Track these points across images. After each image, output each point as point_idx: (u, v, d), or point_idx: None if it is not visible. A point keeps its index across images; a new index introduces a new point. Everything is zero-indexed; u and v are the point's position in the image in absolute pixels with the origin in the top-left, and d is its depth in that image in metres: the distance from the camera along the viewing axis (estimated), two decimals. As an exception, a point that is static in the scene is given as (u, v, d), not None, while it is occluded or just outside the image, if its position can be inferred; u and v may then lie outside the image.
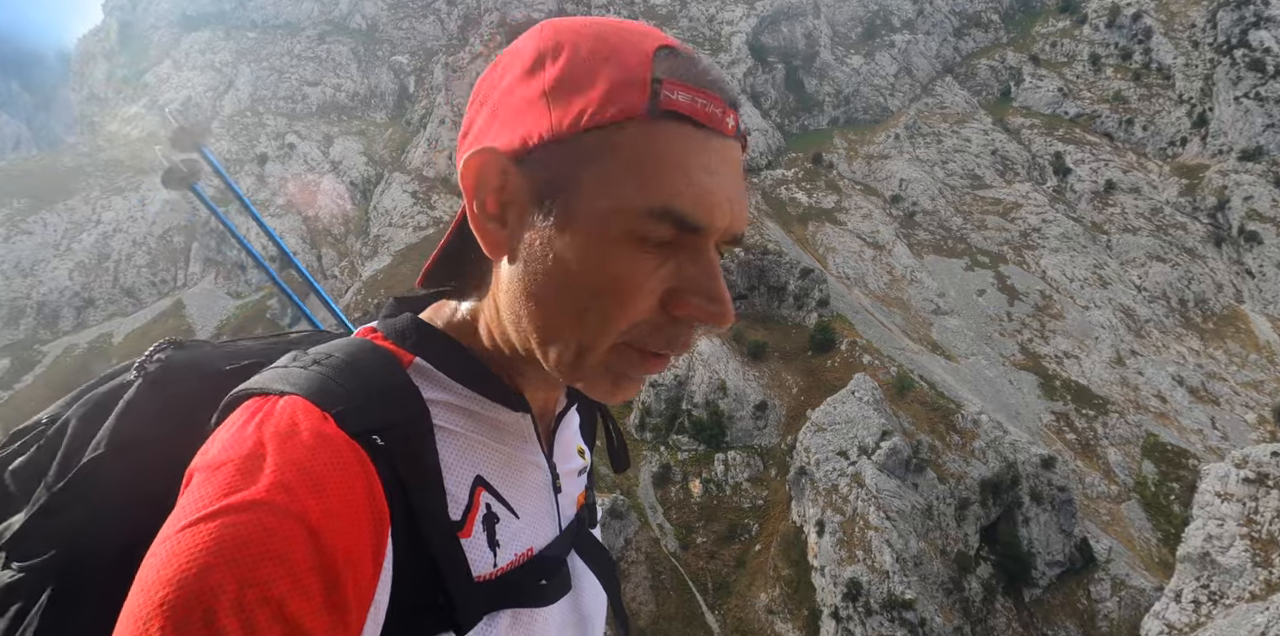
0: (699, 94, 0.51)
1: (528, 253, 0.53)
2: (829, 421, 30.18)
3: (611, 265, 0.50)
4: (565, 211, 0.51)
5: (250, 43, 68.96)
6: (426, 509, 0.50)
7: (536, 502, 0.63)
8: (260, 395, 0.50)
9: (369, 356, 0.55)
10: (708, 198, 0.51)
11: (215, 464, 0.45)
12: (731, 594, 29.30)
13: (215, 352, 0.63)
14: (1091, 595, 29.21)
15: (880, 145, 54.48)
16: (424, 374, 0.57)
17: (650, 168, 0.50)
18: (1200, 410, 38.52)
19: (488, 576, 0.55)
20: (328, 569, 0.42)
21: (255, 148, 58.12)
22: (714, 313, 0.53)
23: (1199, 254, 46.82)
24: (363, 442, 0.48)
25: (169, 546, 0.40)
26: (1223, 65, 50.67)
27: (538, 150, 0.51)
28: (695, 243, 0.52)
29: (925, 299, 43.12)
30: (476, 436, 0.58)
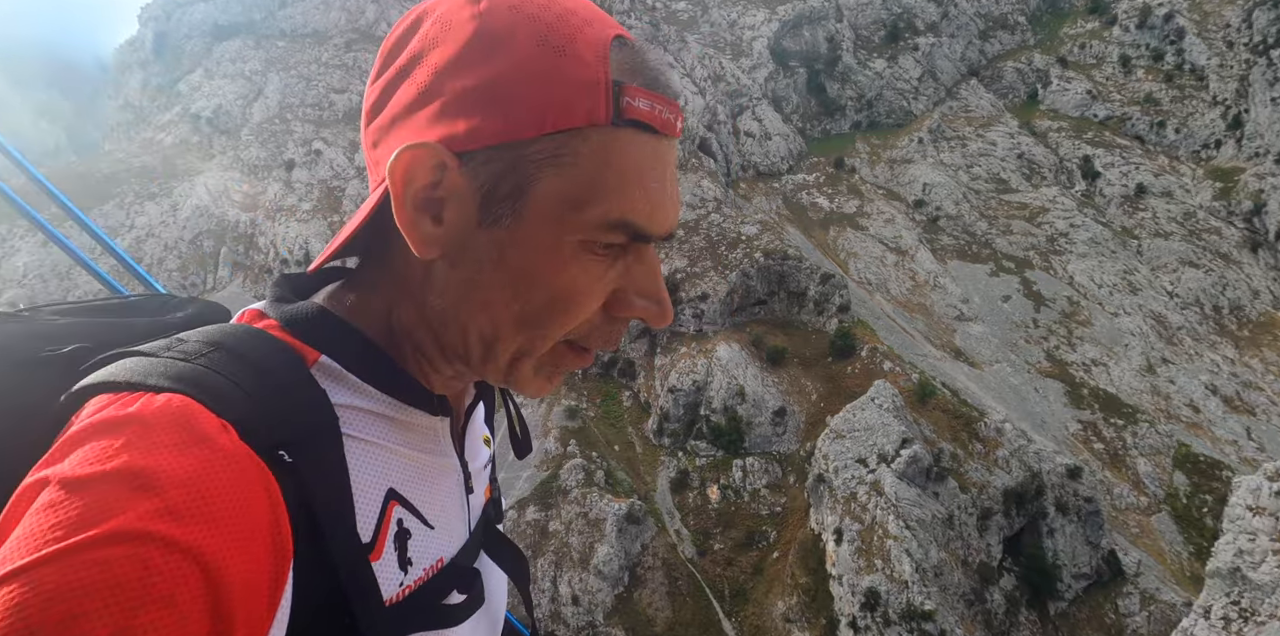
0: (657, 100, 0.50)
1: (471, 255, 0.50)
2: (848, 428, 29.86)
3: (566, 272, 0.49)
4: (516, 216, 0.48)
5: (279, 51, 70.45)
6: (335, 534, 0.44)
7: (449, 508, 0.59)
8: (125, 390, 0.41)
9: (267, 351, 0.48)
10: (660, 207, 0.50)
11: (75, 479, 0.35)
12: (748, 601, 29.06)
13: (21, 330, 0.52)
14: (1120, 609, 28.48)
15: (903, 149, 53.93)
16: (331, 374, 0.51)
17: (610, 180, 0.48)
18: (1235, 420, 37.43)
19: (396, 597, 0.50)
20: (221, 612, 0.35)
21: (283, 154, 59.29)
22: (656, 313, 0.52)
23: (1234, 259, 45.58)
24: (267, 458, 0.41)
25: (18, 587, 0.31)
26: (1259, 66, 49.38)
27: (486, 150, 0.48)
28: (639, 246, 0.52)
29: (949, 305, 42.52)
30: (389, 444, 0.52)
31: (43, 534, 0.33)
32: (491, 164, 0.48)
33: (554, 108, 0.47)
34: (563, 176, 0.48)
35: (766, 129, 53.66)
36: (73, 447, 0.37)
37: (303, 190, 56.04)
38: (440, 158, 0.48)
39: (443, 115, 0.48)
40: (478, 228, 0.49)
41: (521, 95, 0.47)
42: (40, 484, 0.36)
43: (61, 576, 0.31)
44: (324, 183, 56.54)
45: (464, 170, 0.48)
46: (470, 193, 0.49)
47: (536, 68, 0.47)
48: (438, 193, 0.49)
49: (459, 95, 0.48)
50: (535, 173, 0.48)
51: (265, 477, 0.40)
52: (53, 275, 51.98)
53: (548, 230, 0.48)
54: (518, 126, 0.47)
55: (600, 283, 0.51)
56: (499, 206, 0.48)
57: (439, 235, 0.49)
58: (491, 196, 0.48)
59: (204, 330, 0.49)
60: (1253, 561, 18.92)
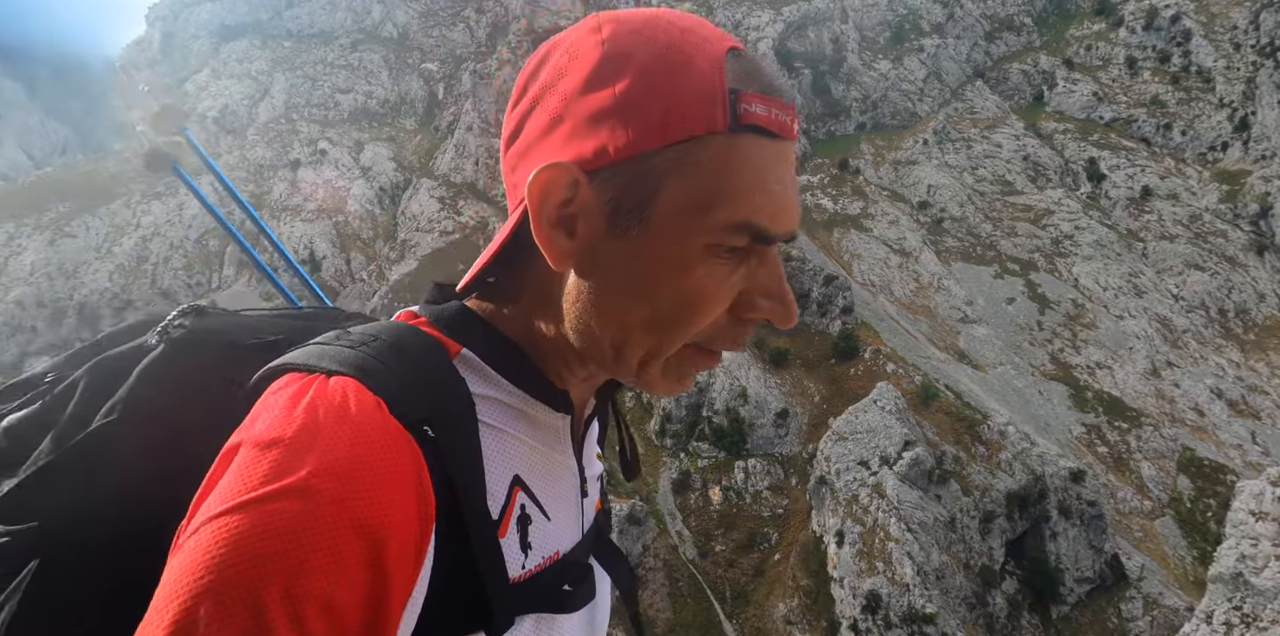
0: (773, 104, 0.51)
1: (601, 265, 0.53)
2: (850, 430, 29.82)
3: (693, 277, 0.51)
4: (644, 225, 0.51)
5: (285, 51, 70.69)
6: (471, 505, 0.49)
7: (566, 506, 0.62)
8: (304, 371, 0.49)
9: (417, 342, 0.53)
10: (782, 208, 0.52)
11: (263, 441, 0.43)
12: (749, 603, 29.04)
13: (239, 323, 0.61)
14: (1123, 613, 28.36)
15: (908, 151, 53.84)
16: (470, 366, 0.56)
17: (732, 183, 0.50)
18: (1240, 424, 37.26)
19: (518, 578, 0.54)
20: (376, 563, 0.40)
21: (289, 154, 59.48)
22: (782, 314, 0.54)
23: (1240, 262, 45.38)
24: (414, 432, 0.46)
25: (215, 529, 0.39)
26: (1266, 68, 49.18)
27: (614, 165, 0.51)
28: (762, 248, 0.53)
29: (953, 307, 42.43)
30: (517, 434, 0.57)
31: (238, 485, 0.40)
32: (618, 178, 0.51)
33: (674, 119, 0.49)
34: (686, 184, 0.50)
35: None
36: (264, 414, 0.45)
37: (308, 190, 56.23)
38: (573, 176, 0.51)
39: (573, 137, 0.51)
40: (607, 239, 0.52)
41: (643, 110, 0.50)
42: (235, 447, 0.44)
43: (252, 521, 0.38)
44: (329, 182, 56.72)
45: (594, 186, 0.51)
46: (600, 207, 0.51)
47: (657, 83, 0.50)
48: (570, 209, 0.52)
49: (587, 117, 0.51)
50: (660, 182, 0.50)
51: (412, 448, 0.45)
52: (59, 274, 52.26)
53: (673, 236, 0.51)
54: (641, 140, 0.50)
55: (726, 286, 0.52)
56: (626, 217, 0.51)
57: (572, 248, 0.53)
58: (619, 209, 0.51)
59: (367, 326, 0.55)
60: (1255, 566, 18.75)
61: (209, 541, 0.38)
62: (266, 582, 0.37)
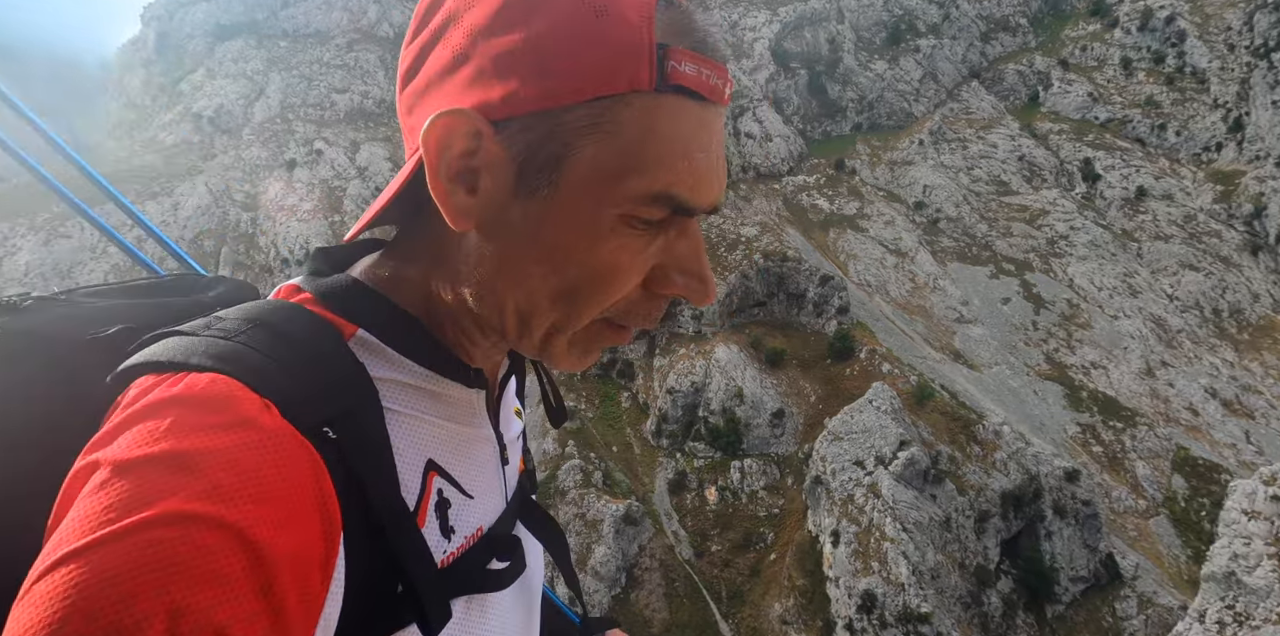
0: (704, 64, 0.46)
1: (506, 227, 0.48)
2: (846, 430, 29.86)
3: (605, 248, 0.47)
4: (553, 187, 0.46)
5: (281, 51, 70.57)
6: (384, 504, 0.44)
7: (486, 479, 0.58)
8: (169, 371, 0.41)
9: (306, 327, 0.47)
10: (705, 179, 0.48)
11: (125, 460, 0.35)
12: (745, 603, 29.07)
13: (67, 314, 0.52)
14: (1117, 612, 28.46)
15: (904, 151, 53.93)
16: (368, 348, 0.50)
17: (652, 149, 0.45)
18: (1234, 423, 37.40)
19: (441, 564, 0.50)
20: (273, 589, 0.35)
21: (284, 154, 59.41)
22: (699, 291, 0.50)
23: (1234, 262, 45.55)
24: (312, 437, 0.40)
25: (75, 568, 0.31)
26: (1260, 69, 49.36)
27: (523, 117, 0.45)
28: (682, 220, 0.49)
29: (948, 307, 42.52)
30: (427, 416, 0.52)
31: (96, 516, 0.33)
32: (528, 132, 0.45)
33: (595, 72, 0.44)
34: (603, 146, 0.45)
35: (767, 130, 53.67)
36: (121, 430, 0.37)
37: (304, 190, 56.12)
38: (475, 125, 0.45)
39: (478, 80, 0.46)
40: (513, 199, 0.47)
41: (560, 58, 0.44)
42: (91, 467, 0.36)
43: (117, 557, 0.32)
44: (325, 182, 56.62)
45: (499, 138, 0.46)
46: (506, 162, 0.46)
47: (577, 29, 0.44)
48: (473, 162, 0.47)
49: (494, 59, 0.45)
50: (574, 141, 0.45)
51: (310, 455, 0.40)
52: (54, 273, 52.07)
53: (586, 203, 0.46)
54: (556, 93, 0.44)
55: (640, 258, 0.49)
56: (535, 177, 0.46)
57: (473, 206, 0.47)
58: (528, 166, 0.46)
59: (242, 307, 0.48)
60: (1248, 565, 18.81)
61: (62, 585, 0.31)
62: (140, 626, 0.30)
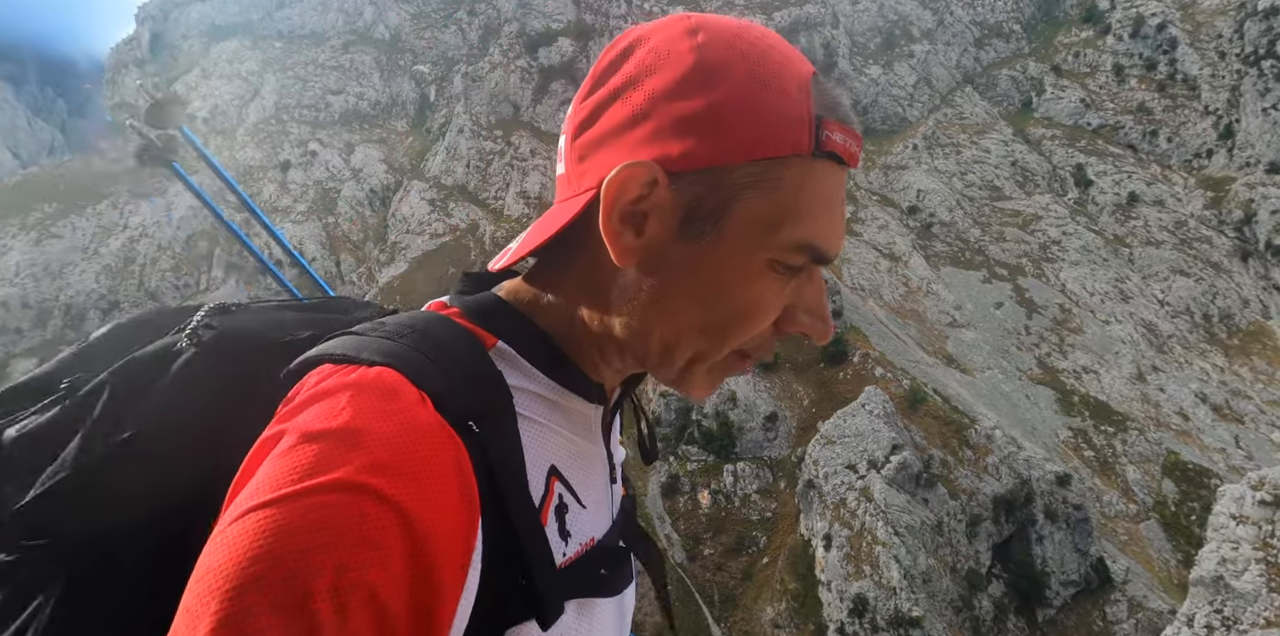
0: (849, 135, 0.54)
1: (665, 265, 0.54)
2: (838, 434, 29.92)
3: (754, 289, 0.53)
4: (716, 233, 0.52)
5: (276, 52, 70.36)
6: (515, 498, 0.49)
7: (598, 493, 0.63)
8: (343, 362, 0.49)
9: (454, 334, 0.54)
10: (836, 232, 0.55)
11: (308, 432, 0.42)
12: (738, 606, 29.06)
13: (265, 320, 0.60)
14: (1108, 616, 28.56)
15: (898, 156, 54.17)
16: (506, 358, 0.56)
17: (805, 205, 0.52)
18: (1224, 428, 37.63)
19: (560, 565, 0.54)
20: (421, 558, 0.40)
21: (279, 155, 59.20)
22: (821, 330, 0.57)
23: (1225, 268, 45.89)
24: (458, 428, 0.46)
25: (260, 518, 0.38)
26: (1250, 76, 49.80)
27: (696, 172, 0.52)
28: (812, 267, 0.55)
29: (941, 311, 42.68)
30: (553, 426, 0.57)
31: (283, 476, 0.40)
32: (699, 185, 0.52)
33: (764, 137, 0.51)
34: (764, 199, 0.52)
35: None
36: (306, 406, 0.45)
37: (298, 191, 55.95)
38: (653, 175, 0.52)
39: (657, 137, 0.52)
40: (675, 242, 0.53)
41: (735, 124, 0.51)
42: (279, 435, 0.43)
43: (299, 513, 0.38)
44: (319, 184, 56.45)
45: (672, 188, 0.52)
46: (674, 209, 0.52)
47: (750, 99, 0.51)
48: (642, 207, 0.53)
49: (675, 120, 0.52)
50: (739, 194, 0.52)
51: (456, 444, 0.45)
52: (45, 274, 51.78)
53: (743, 247, 0.52)
54: (728, 152, 0.51)
55: (779, 299, 0.55)
56: (701, 223, 0.52)
57: (638, 245, 0.53)
58: (695, 213, 0.52)
59: (400, 316, 0.56)
60: (1236, 570, 18.88)
61: (254, 530, 0.38)
62: (314, 574, 0.37)
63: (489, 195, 54.54)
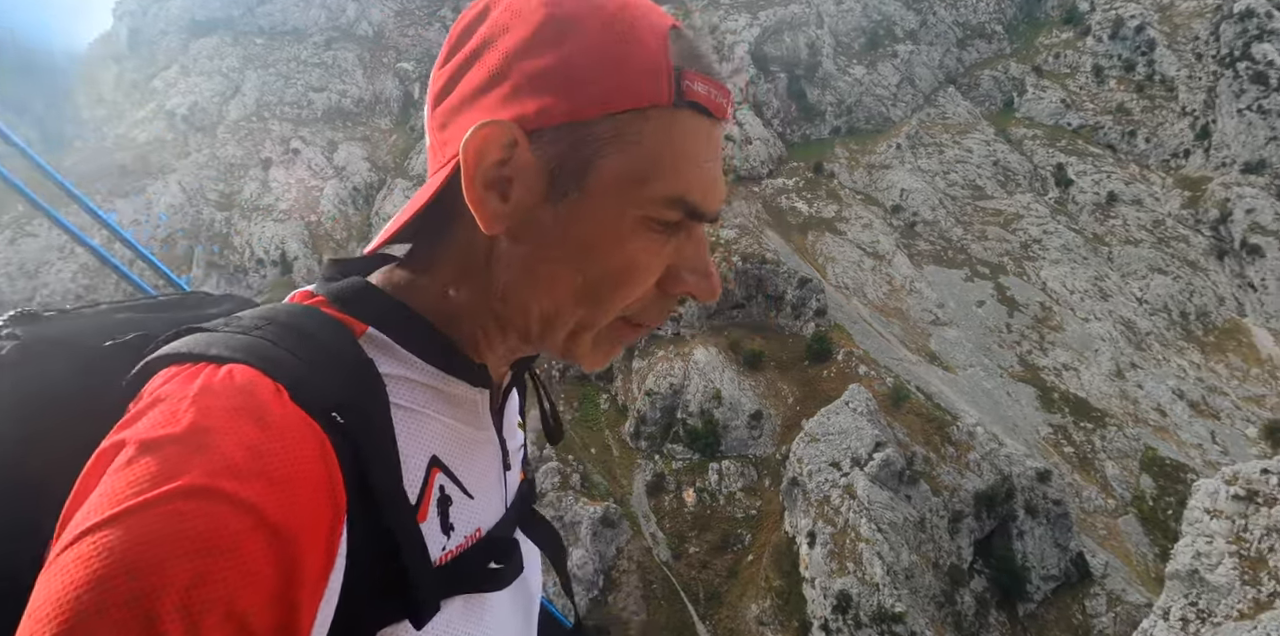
0: (713, 85, 0.52)
1: (536, 230, 0.52)
2: (822, 432, 30.09)
3: (628, 248, 0.52)
4: (581, 192, 0.51)
5: (258, 49, 69.60)
6: (387, 493, 0.46)
7: (488, 481, 0.60)
8: (189, 362, 0.44)
9: (317, 324, 0.50)
10: (712, 187, 0.53)
11: (149, 440, 0.38)
12: (723, 604, 29.17)
13: (84, 325, 0.55)
14: (1087, 610, 28.96)
15: (881, 155, 54.49)
16: (378, 345, 0.53)
17: (669, 157, 0.51)
18: (1200, 424, 38.24)
19: (440, 561, 0.52)
20: (282, 563, 0.37)
21: (260, 153, 58.59)
22: (706, 288, 0.55)
23: (1201, 266, 46.59)
24: (321, 420, 0.43)
25: (98, 539, 0.34)
26: (1225, 77, 50.57)
27: (554, 129, 0.50)
28: (692, 224, 0.54)
29: (924, 309, 43.02)
30: (432, 414, 0.54)
31: (124, 488, 0.36)
32: (559, 142, 0.50)
33: (620, 89, 0.50)
34: (626, 154, 0.50)
35: (747, 133, 53.95)
36: (144, 413, 0.41)
37: (279, 189, 55.37)
38: (512, 135, 0.50)
39: (513, 96, 0.51)
40: (543, 203, 0.51)
41: (589, 77, 0.50)
42: (117, 446, 0.39)
43: (145, 526, 0.34)
44: (301, 182, 55.92)
45: (533, 148, 0.50)
46: (537, 169, 0.51)
47: (604, 52, 0.50)
48: (505, 170, 0.51)
49: (529, 77, 0.50)
50: (600, 150, 0.50)
51: (319, 437, 0.42)
52: (20, 274, 50.87)
53: (611, 205, 0.51)
54: (585, 106, 0.50)
55: (657, 258, 0.53)
56: (565, 182, 0.51)
57: (505, 211, 0.52)
58: (558, 173, 0.51)
59: (257, 309, 0.52)
60: (1210, 563, 19.08)
61: (90, 553, 0.34)
62: (159, 593, 0.33)
63: (474, 194, 54.31)
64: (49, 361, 0.50)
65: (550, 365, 39.38)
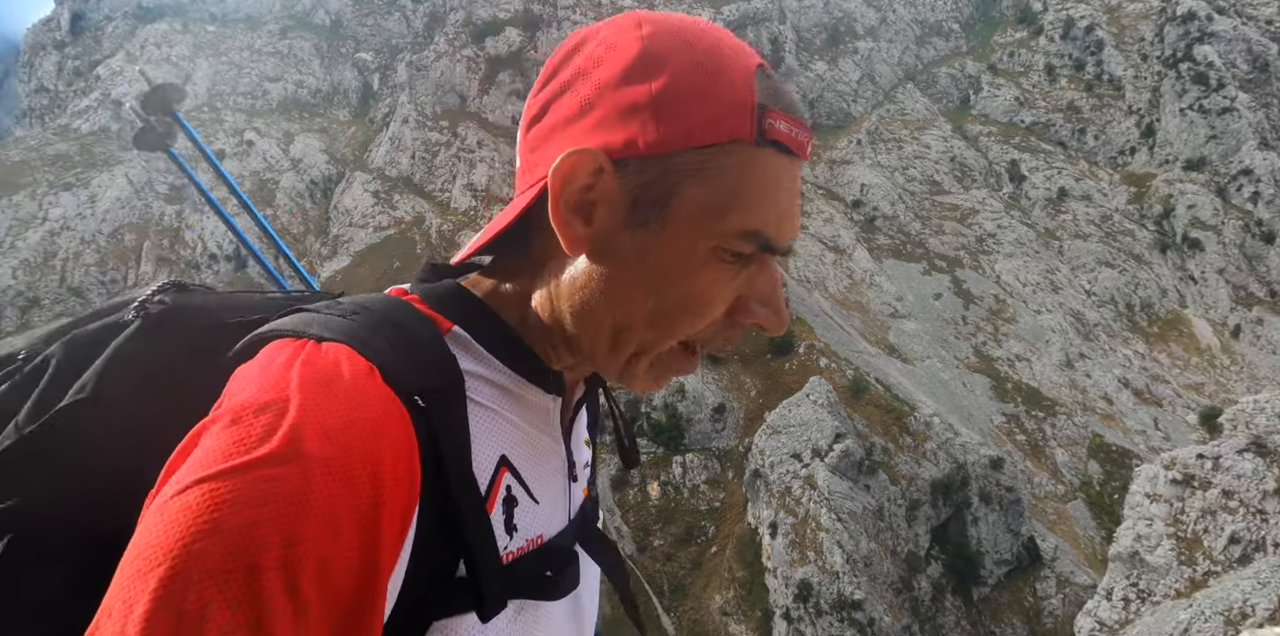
0: (794, 124, 0.54)
1: (614, 253, 0.53)
2: (784, 424, 30.52)
3: (701, 276, 0.53)
4: (661, 220, 0.52)
5: (209, 36, 67.43)
6: (458, 480, 0.48)
7: (553, 489, 0.61)
8: (292, 337, 0.49)
9: (409, 316, 0.53)
10: (788, 222, 0.54)
11: (253, 404, 0.42)
12: (687, 596, 29.47)
13: (220, 301, 0.60)
14: (1038, 592, 29.99)
15: (842, 150, 55.23)
16: (461, 343, 0.56)
17: (750, 192, 0.52)
18: (1144, 411, 39.79)
19: (507, 557, 0.53)
20: (368, 529, 0.40)
21: (212, 144, 56.83)
22: (774, 321, 0.56)
23: (1145, 260, 48.35)
24: (406, 402, 0.46)
25: (204, 491, 0.37)
26: (1169, 78, 52.40)
27: (640, 159, 0.52)
28: (764, 257, 0.55)
29: (884, 302, 43.84)
30: (506, 414, 0.56)
31: (227, 449, 0.39)
32: (643, 172, 0.52)
33: (706, 124, 0.51)
34: (707, 186, 0.52)
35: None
36: (252, 379, 0.44)
37: (234, 182, 53.85)
38: (599, 163, 0.52)
39: (602, 126, 0.52)
40: (623, 230, 0.53)
41: (677, 110, 0.51)
42: (223, 409, 0.43)
43: (244, 486, 0.37)
44: (256, 175, 54.41)
45: (618, 176, 0.52)
46: (621, 196, 0.52)
47: (693, 87, 0.52)
48: (590, 195, 0.53)
49: (619, 108, 0.52)
50: (683, 181, 0.52)
51: (404, 417, 0.45)
52: (-45, 269, 48.57)
53: (688, 234, 0.52)
54: (672, 138, 0.51)
55: (729, 288, 0.54)
56: (646, 211, 0.52)
57: (587, 234, 0.53)
58: (641, 201, 0.52)
59: (356, 297, 0.56)
60: (1150, 545, 19.85)
61: (196, 504, 0.37)
62: (261, 548, 0.36)
63: (435, 187, 53.50)
64: (185, 327, 0.55)
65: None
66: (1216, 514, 17.30)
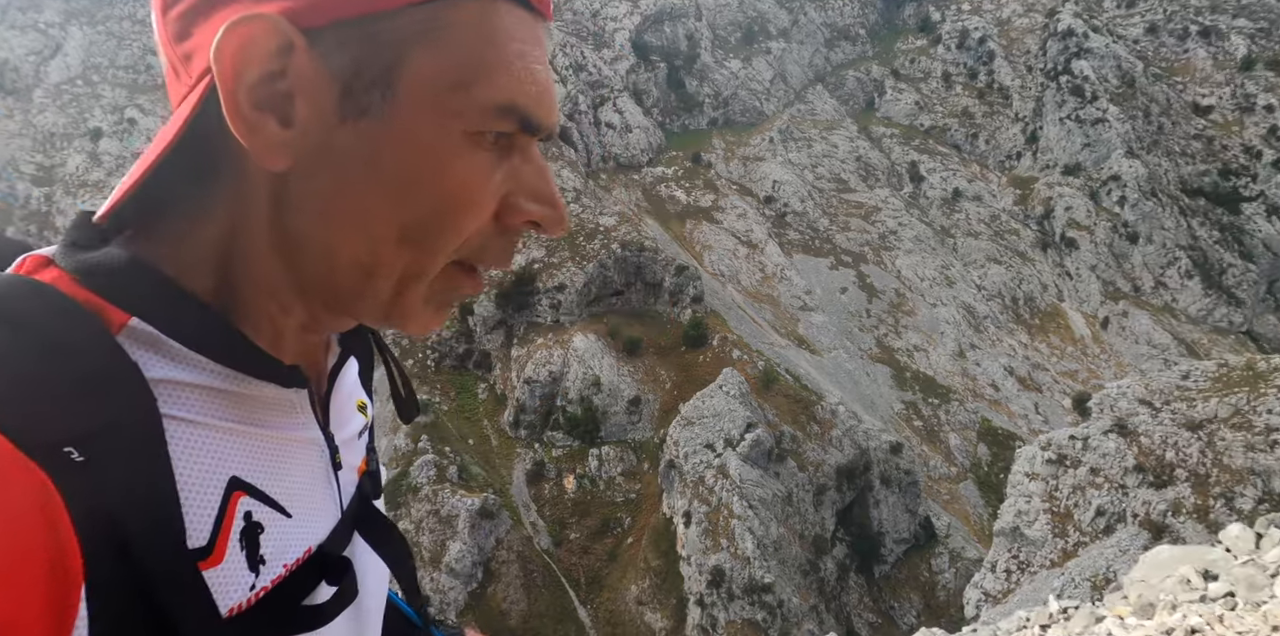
0: None
1: (333, 159, 0.40)
2: (697, 415, 31.09)
3: (454, 170, 0.41)
4: (390, 104, 0.39)
5: (84, 3, 61.77)
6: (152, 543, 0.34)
7: (312, 490, 0.49)
8: None
9: (50, 314, 0.36)
10: (545, 92, 0.43)
11: None
12: (604, 587, 29.60)
13: None
14: (933, 568, 31.93)
15: (755, 147, 56.58)
16: (144, 342, 0.39)
17: (491, 54, 0.40)
18: (1026, 397, 43.00)
19: (245, 604, 0.41)
20: None
21: (88, 122, 52.16)
22: (552, 217, 0.46)
23: (1029, 257, 52.14)
24: (46, 462, 0.31)
25: None
26: (1051, 89, 56.58)
27: (340, 26, 0.38)
28: (525, 142, 0.44)
29: (794, 296, 45.33)
30: (227, 424, 0.42)
31: None
32: (349, 43, 0.39)
33: None
34: (438, 52, 0.39)
35: (627, 121, 54.22)
36: None
37: (112, 164, 49.58)
38: (284, 36, 0.37)
39: None
40: (338, 124, 0.39)
41: None
42: None
43: None
44: (139, 156, 50.37)
45: (316, 53, 0.38)
46: (325, 80, 0.39)
47: None
48: (282, 85, 0.38)
49: None
50: (405, 50, 0.39)
51: (40, 488, 0.31)
52: None
53: (428, 119, 0.40)
54: None
55: (491, 183, 0.43)
56: (364, 95, 0.39)
57: (289, 138, 0.39)
58: (355, 83, 0.39)
59: None
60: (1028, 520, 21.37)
61: None
62: None
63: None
64: None
65: (424, 354, 38.01)
66: (1085, 489, 18.94)
